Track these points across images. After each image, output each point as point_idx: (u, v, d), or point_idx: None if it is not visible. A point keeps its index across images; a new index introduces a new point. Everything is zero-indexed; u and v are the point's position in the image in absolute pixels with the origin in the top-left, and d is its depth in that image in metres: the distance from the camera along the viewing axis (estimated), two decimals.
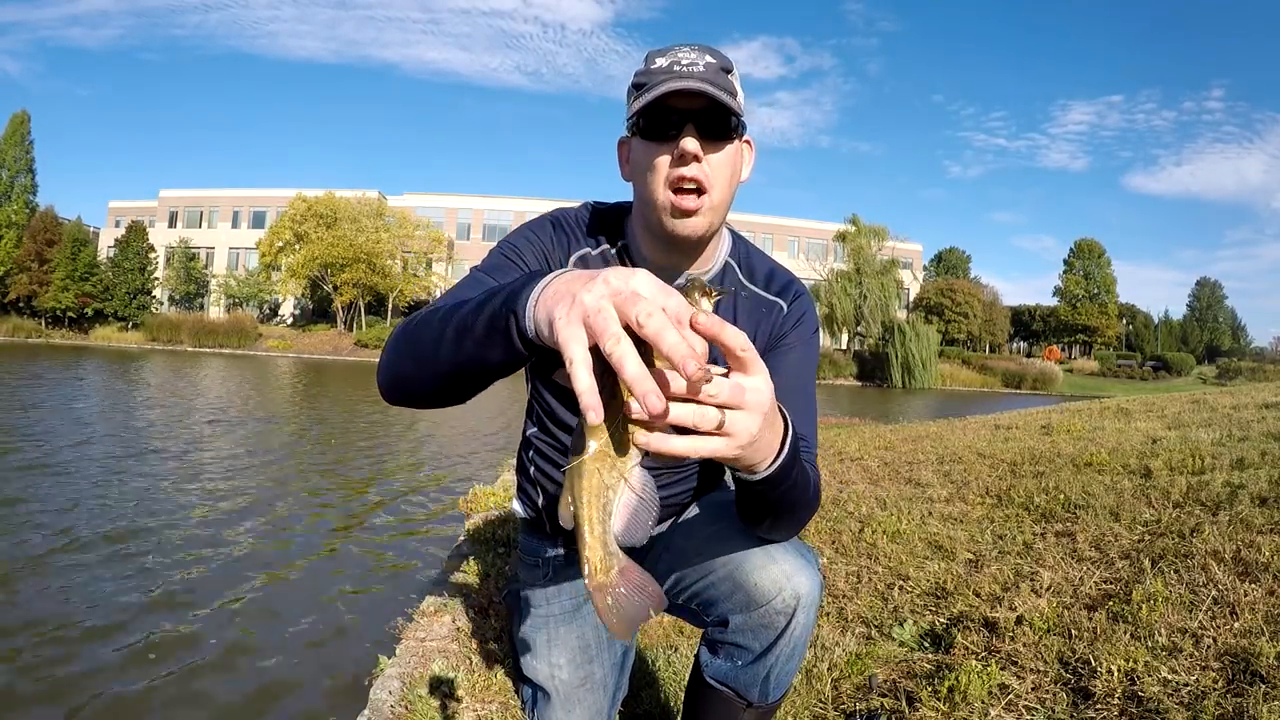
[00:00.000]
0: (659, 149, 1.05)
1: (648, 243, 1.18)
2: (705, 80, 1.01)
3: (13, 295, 41.05)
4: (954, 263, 65.82)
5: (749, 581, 1.12)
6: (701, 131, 1.03)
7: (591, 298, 0.59)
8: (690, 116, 1.03)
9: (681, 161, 1.04)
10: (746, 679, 1.17)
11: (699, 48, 1.07)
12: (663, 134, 1.05)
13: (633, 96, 1.08)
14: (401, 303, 43.00)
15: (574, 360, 0.57)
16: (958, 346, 47.70)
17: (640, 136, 1.08)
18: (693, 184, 1.05)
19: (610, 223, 1.25)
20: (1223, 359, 59.13)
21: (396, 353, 0.95)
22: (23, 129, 44.86)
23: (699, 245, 1.16)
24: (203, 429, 9.54)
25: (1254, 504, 2.47)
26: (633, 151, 1.12)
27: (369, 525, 5.23)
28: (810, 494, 0.99)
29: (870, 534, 2.85)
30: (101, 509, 5.13)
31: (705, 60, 1.05)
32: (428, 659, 2.03)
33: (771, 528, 1.06)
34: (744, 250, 1.28)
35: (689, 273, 1.20)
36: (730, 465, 0.84)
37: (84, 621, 3.27)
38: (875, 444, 5.44)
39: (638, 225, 1.20)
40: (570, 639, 1.40)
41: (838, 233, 43.92)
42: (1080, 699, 1.54)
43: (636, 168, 1.11)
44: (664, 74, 1.03)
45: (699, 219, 1.07)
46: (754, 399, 0.66)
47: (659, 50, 1.09)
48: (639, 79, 1.07)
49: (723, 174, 1.07)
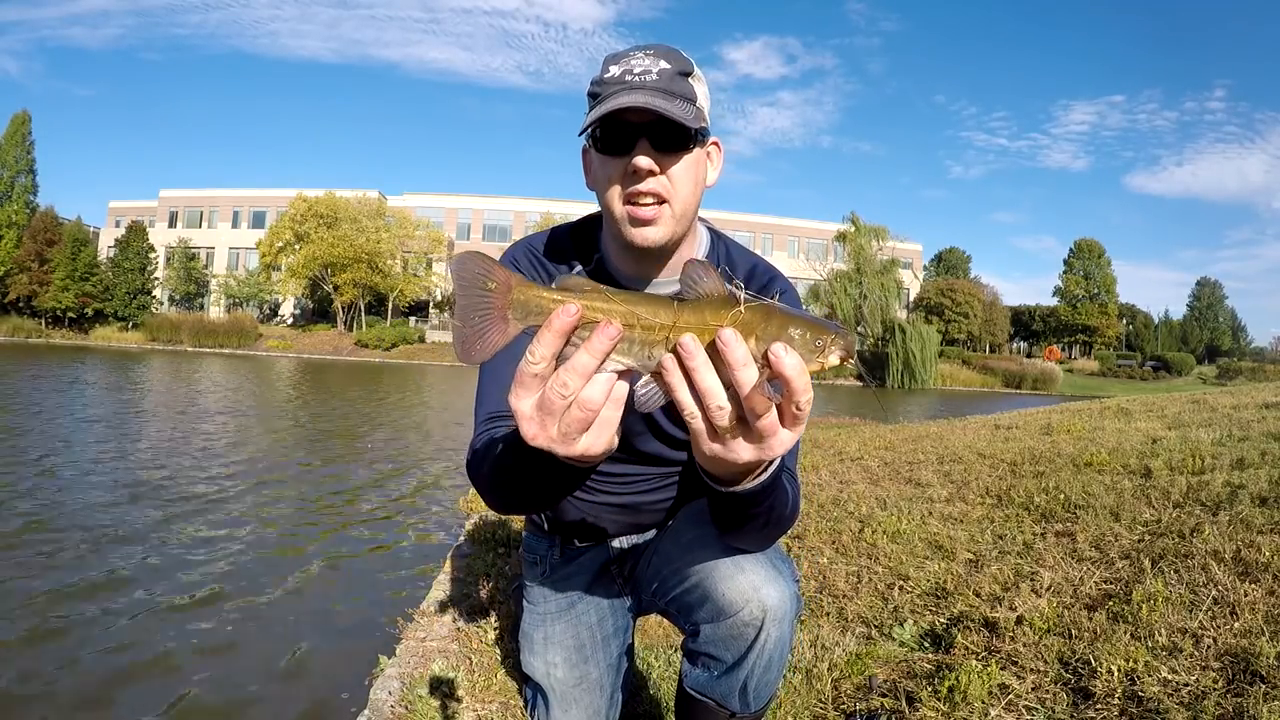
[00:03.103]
0: (614, 162, 1.03)
1: (617, 254, 1.17)
2: (659, 90, 0.98)
3: (13, 295, 41.04)
4: (954, 263, 65.80)
5: (716, 591, 1.10)
6: (656, 144, 1.01)
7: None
8: (643, 130, 1.00)
9: (635, 177, 1.02)
10: (723, 689, 1.15)
11: (655, 52, 1.04)
12: (616, 148, 1.02)
13: (589, 106, 1.05)
14: (402, 303, 43.01)
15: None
16: (958, 346, 47.69)
17: (596, 150, 1.05)
18: (650, 198, 1.03)
19: (582, 239, 1.24)
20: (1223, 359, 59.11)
21: (493, 498, 1.00)
22: (23, 129, 44.85)
23: (664, 254, 1.13)
24: (203, 428, 9.54)
25: (1254, 504, 2.47)
26: (592, 163, 1.10)
27: (369, 525, 5.23)
28: (787, 510, 0.96)
29: (870, 534, 2.84)
30: (102, 508, 5.14)
31: (660, 67, 1.01)
32: (428, 659, 2.03)
33: (744, 539, 1.03)
34: (723, 249, 1.26)
35: (656, 280, 1.17)
36: (709, 474, 0.82)
37: (84, 622, 3.27)
38: (875, 444, 5.44)
39: (607, 236, 1.19)
40: (565, 638, 1.40)
41: (838, 233, 43.90)
42: (1080, 699, 1.54)
43: (596, 180, 1.09)
44: (616, 85, 1.00)
45: (658, 229, 1.05)
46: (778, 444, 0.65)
47: (614, 56, 1.05)
48: (593, 88, 1.04)
49: (683, 184, 1.05)
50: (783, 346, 0.58)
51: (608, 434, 0.64)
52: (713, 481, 0.83)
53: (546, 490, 0.87)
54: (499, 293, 0.60)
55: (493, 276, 0.60)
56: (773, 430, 0.63)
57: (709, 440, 0.65)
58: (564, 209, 43.14)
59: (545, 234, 1.27)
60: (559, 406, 0.61)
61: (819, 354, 0.60)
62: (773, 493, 0.85)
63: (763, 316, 0.60)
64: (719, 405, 0.61)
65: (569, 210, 41.61)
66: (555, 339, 0.59)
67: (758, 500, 0.84)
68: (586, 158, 1.13)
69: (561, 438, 0.63)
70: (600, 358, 0.59)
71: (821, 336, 0.60)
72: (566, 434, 0.62)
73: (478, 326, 0.61)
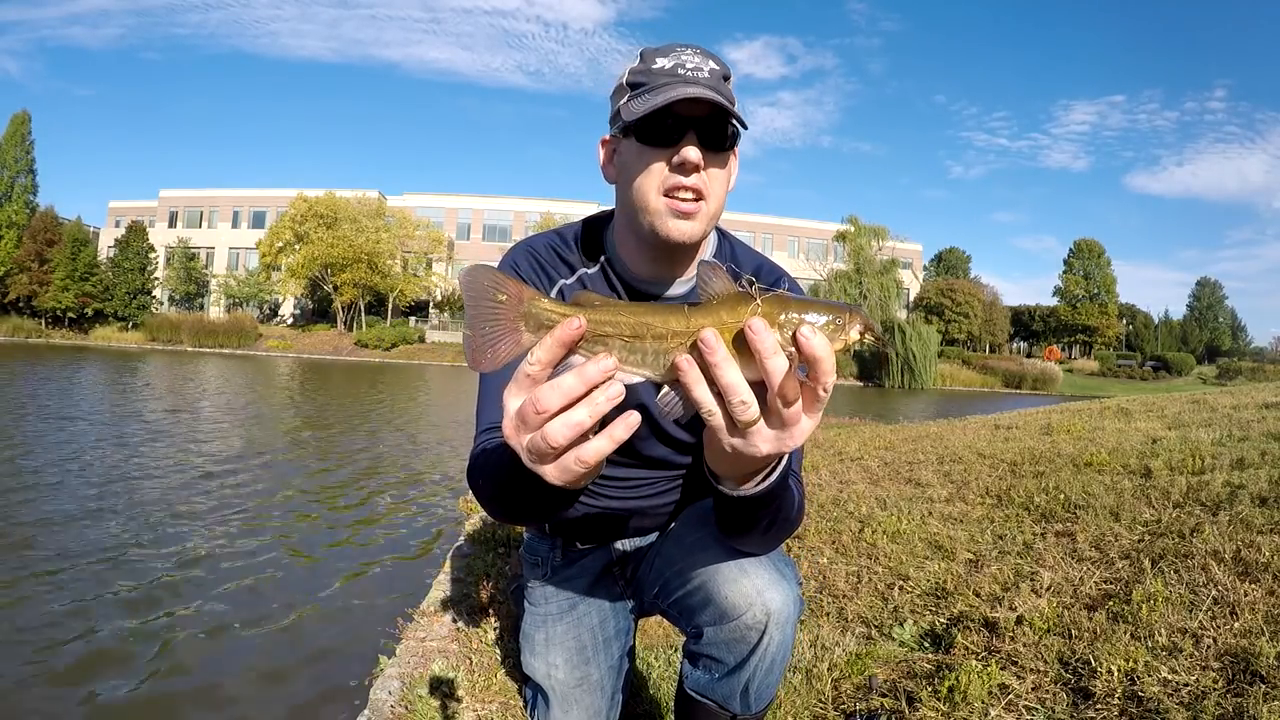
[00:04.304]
0: (655, 154, 1.01)
1: (633, 253, 1.14)
2: (711, 88, 0.98)
3: (13, 295, 41.03)
4: (954, 263, 65.79)
5: (719, 594, 1.09)
6: (703, 141, 1.00)
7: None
8: (693, 124, 0.99)
9: (681, 170, 1.00)
10: (724, 691, 1.15)
11: (700, 51, 1.03)
12: (663, 139, 1.00)
13: (626, 95, 1.03)
14: (402, 303, 43.00)
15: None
16: (958, 346, 47.68)
17: (636, 139, 1.02)
18: (691, 192, 1.01)
19: (588, 240, 1.21)
20: (1223, 359, 59.10)
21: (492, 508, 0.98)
22: (23, 129, 44.85)
23: (690, 252, 1.12)
24: (203, 428, 9.54)
25: (1254, 504, 2.47)
26: (622, 153, 1.07)
27: (369, 525, 5.23)
28: (793, 513, 0.95)
29: (870, 534, 2.84)
30: (102, 508, 5.14)
31: (710, 66, 1.01)
32: (428, 659, 2.03)
33: (749, 542, 1.03)
34: (729, 249, 1.26)
35: (676, 281, 1.16)
36: (717, 475, 0.82)
37: (84, 619, 3.27)
38: (875, 444, 5.44)
39: (624, 234, 1.15)
40: (567, 639, 1.40)
41: (837, 233, 43.92)
42: (1080, 699, 1.54)
43: (626, 170, 1.06)
44: (668, 77, 0.99)
45: (695, 224, 1.03)
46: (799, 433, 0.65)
47: (658, 49, 1.04)
48: (637, 78, 1.02)
49: (719, 184, 1.04)
50: (809, 328, 0.59)
51: (569, 476, 0.63)
52: (720, 484, 0.82)
53: (540, 505, 0.86)
54: (510, 304, 0.61)
55: (504, 289, 0.61)
56: (796, 418, 0.63)
57: (729, 435, 0.65)
58: (564, 209, 43.14)
59: (547, 235, 1.24)
60: (532, 421, 0.61)
61: (841, 331, 0.61)
62: (780, 495, 0.85)
63: (779, 305, 0.61)
64: (742, 400, 0.61)
65: (569, 210, 41.64)
66: (556, 347, 0.59)
67: (765, 503, 0.83)
68: (609, 147, 1.11)
69: (525, 452, 0.63)
70: (588, 385, 0.59)
71: (840, 315, 0.61)
72: (530, 451, 0.62)
73: (488, 335, 0.61)
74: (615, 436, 0.60)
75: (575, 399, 0.59)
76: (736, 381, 0.60)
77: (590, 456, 0.61)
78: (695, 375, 0.60)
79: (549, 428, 0.60)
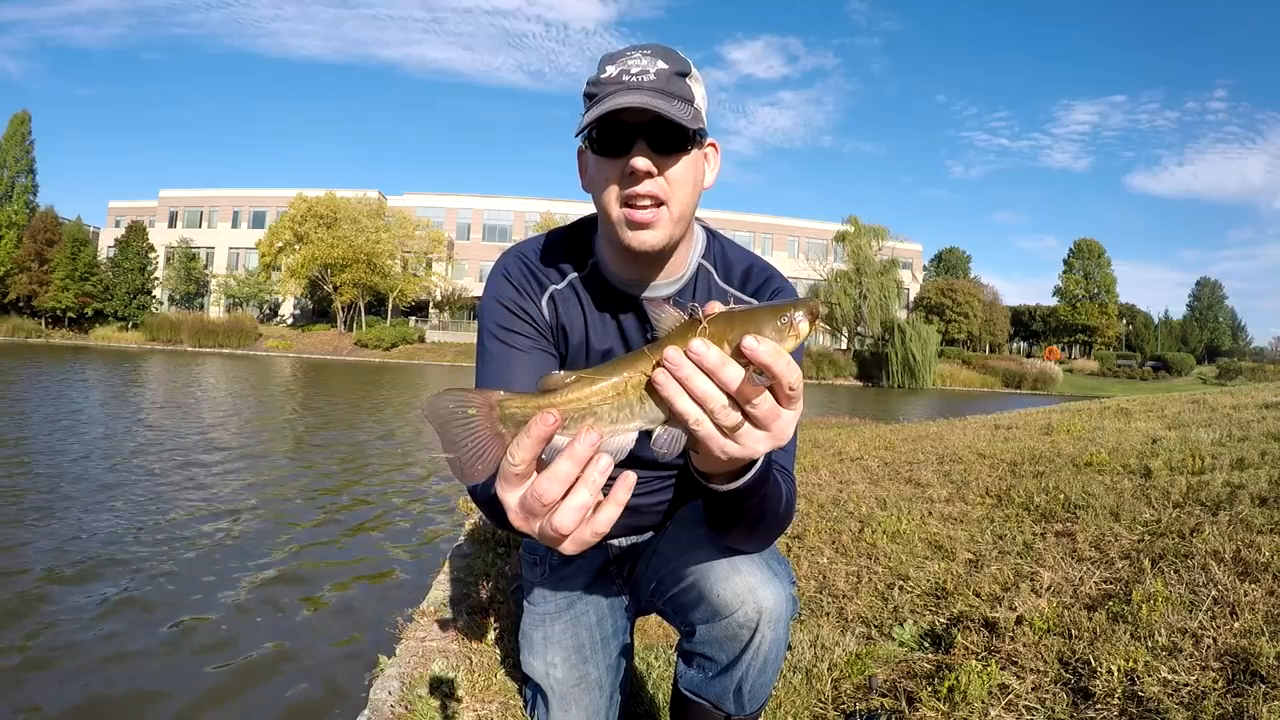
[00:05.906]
0: (611, 164, 1.02)
1: (614, 257, 1.15)
2: (656, 91, 0.97)
3: (13, 295, 41.04)
4: (954, 263, 65.81)
5: (712, 593, 1.10)
6: (654, 146, 0.99)
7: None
8: (641, 131, 0.99)
9: (632, 179, 1.00)
10: (718, 690, 1.15)
11: (652, 51, 1.02)
12: (613, 149, 1.01)
13: (585, 107, 1.03)
14: (402, 303, 43.01)
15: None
16: (958, 346, 47.69)
17: (592, 151, 1.04)
18: (647, 200, 1.01)
19: (576, 243, 1.22)
20: (1223, 359, 59.07)
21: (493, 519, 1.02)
22: (23, 129, 44.90)
23: (662, 256, 1.12)
24: (203, 428, 9.53)
25: (1254, 504, 2.46)
26: (588, 165, 1.08)
27: (369, 525, 5.23)
28: (781, 509, 0.95)
29: (870, 534, 2.84)
30: (102, 508, 5.14)
31: (658, 67, 1.00)
32: (428, 659, 2.03)
33: (738, 538, 1.03)
34: (718, 249, 1.25)
35: (655, 283, 1.17)
36: (702, 472, 0.82)
37: (83, 619, 3.27)
38: (875, 444, 5.44)
39: (604, 239, 1.17)
40: (565, 638, 1.40)
41: (837, 233, 43.94)
42: (1080, 699, 1.54)
43: (592, 182, 1.07)
44: (613, 85, 0.99)
45: (656, 232, 1.04)
46: (785, 425, 0.66)
47: (611, 55, 1.04)
48: (590, 88, 1.03)
49: (681, 186, 1.03)
50: (753, 338, 0.60)
51: (585, 546, 0.63)
52: (708, 481, 0.83)
53: None
54: (483, 415, 0.62)
55: (471, 404, 0.62)
56: (774, 414, 0.64)
57: (722, 439, 0.66)
58: (564, 209, 43.11)
59: (538, 239, 1.24)
60: (539, 511, 0.61)
61: (789, 329, 0.62)
62: (764, 487, 0.86)
63: (725, 323, 0.62)
64: (722, 405, 0.62)
65: (569, 210, 41.59)
66: (534, 445, 0.59)
67: (749, 495, 0.84)
68: (582, 159, 1.12)
69: (542, 539, 0.64)
70: (581, 465, 0.59)
71: (784, 314, 0.62)
72: (543, 537, 0.63)
73: (472, 449, 0.62)
74: (620, 500, 0.61)
75: (574, 482, 0.60)
76: (709, 390, 0.61)
77: (603, 527, 0.61)
78: (675, 389, 0.61)
79: (556, 518, 0.60)
